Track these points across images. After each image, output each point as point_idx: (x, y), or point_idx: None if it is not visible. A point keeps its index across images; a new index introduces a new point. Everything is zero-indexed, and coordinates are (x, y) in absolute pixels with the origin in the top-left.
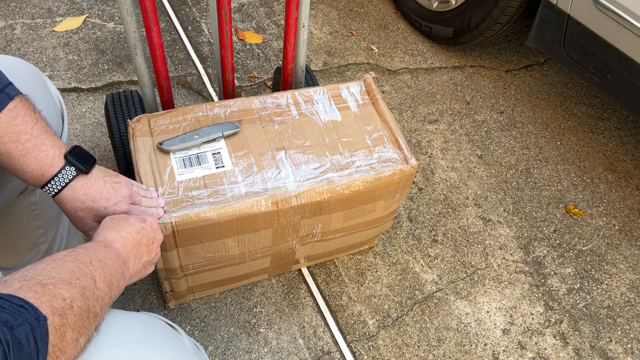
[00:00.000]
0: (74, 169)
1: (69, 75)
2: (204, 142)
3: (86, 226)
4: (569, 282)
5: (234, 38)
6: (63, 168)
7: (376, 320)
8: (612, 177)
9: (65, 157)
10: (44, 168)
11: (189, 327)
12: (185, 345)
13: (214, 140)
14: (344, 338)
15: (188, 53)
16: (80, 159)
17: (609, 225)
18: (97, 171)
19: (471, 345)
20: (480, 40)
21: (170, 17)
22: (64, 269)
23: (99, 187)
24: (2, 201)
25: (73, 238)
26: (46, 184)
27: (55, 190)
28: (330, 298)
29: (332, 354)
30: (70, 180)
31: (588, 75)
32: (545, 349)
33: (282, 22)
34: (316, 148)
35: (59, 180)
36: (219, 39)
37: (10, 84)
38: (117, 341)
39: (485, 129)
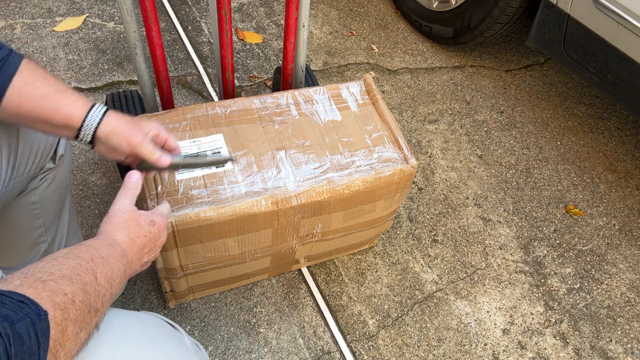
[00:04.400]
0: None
1: (69, 75)
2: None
3: (140, 135)
4: (569, 282)
5: (234, 38)
6: (96, 103)
7: (376, 320)
8: (612, 177)
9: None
10: (84, 99)
11: (189, 327)
12: (185, 344)
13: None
14: (344, 338)
15: (188, 53)
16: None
17: (609, 225)
18: None
19: (471, 345)
20: (480, 40)
21: (170, 17)
22: (64, 266)
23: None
24: (2, 200)
25: (73, 238)
26: (92, 108)
27: (103, 112)
28: (330, 298)
29: (332, 353)
30: (107, 110)
31: (588, 75)
32: (545, 349)
33: (282, 22)
34: (316, 148)
35: (100, 107)
36: (219, 38)
37: (13, 49)
38: (118, 340)
39: (485, 128)
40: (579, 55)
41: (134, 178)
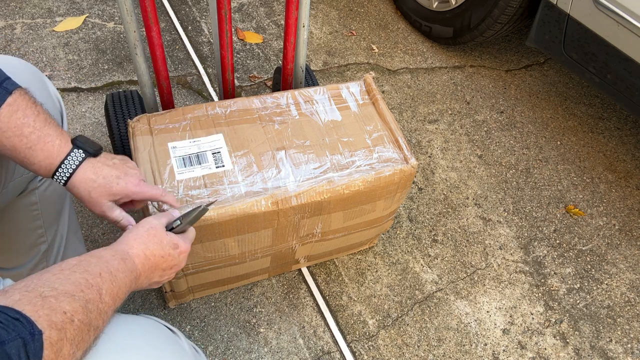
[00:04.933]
0: (82, 151)
1: (69, 75)
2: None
3: (102, 206)
4: (569, 282)
5: (234, 38)
6: (71, 151)
7: (376, 320)
8: (612, 177)
9: (72, 141)
10: (52, 157)
11: (189, 327)
12: (184, 350)
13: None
14: (344, 338)
15: (188, 53)
16: (87, 144)
17: (609, 225)
18: (105, 155)
19: (471, 345)
20: (480, 40)
21: (170, 17)
22: (69, 281)
23: (109, 167)
24: (1, 201)
25: (73, 238)
26: (56, 172)
27: (66, 177)
28: (330, 298)
29: (332, 353)
30: (80, 162)
31: (588, 75)
32: (545, 348)
33: (282, 22)
34: (316, 148)
35: (68, 164)
36: (219, 39)
37: (8, 78)
38: (116, 348)
39: (485, 128)
40: (579, 55)
41: (175, 213)
